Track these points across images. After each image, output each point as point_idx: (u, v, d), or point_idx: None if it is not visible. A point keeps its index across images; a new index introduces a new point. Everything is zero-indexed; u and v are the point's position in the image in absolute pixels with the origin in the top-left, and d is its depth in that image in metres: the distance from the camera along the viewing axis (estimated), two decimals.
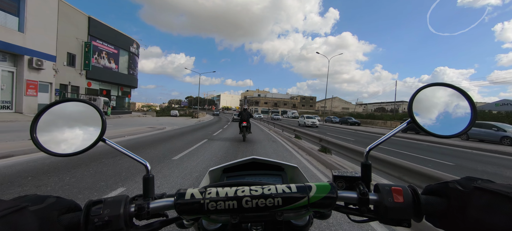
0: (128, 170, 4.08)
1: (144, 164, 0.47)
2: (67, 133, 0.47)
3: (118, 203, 0.38)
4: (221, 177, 0.74)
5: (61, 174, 3.61)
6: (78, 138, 0.47)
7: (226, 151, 7.07)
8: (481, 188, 0.35)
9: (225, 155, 6.31)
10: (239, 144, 8.64)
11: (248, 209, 0.38)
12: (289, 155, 6.93)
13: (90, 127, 0.48)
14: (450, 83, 0.49)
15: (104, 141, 0.47)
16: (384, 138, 0.50)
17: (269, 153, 7.20)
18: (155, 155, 5.74)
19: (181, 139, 9.10)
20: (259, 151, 7.38)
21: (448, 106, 0.49)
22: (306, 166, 5.54)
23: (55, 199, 0.37)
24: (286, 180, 0.72)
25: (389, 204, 0.39)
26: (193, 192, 0.40)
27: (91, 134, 0.47)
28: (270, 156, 5.51)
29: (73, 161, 4.26)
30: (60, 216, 0.36)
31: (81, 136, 0.47)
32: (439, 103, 0.50)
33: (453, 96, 0.49)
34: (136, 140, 8.29)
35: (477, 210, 0.34)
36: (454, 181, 0.39)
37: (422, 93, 0.49)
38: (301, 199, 0.39)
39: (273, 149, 8.05)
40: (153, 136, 9.67)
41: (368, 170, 0.47)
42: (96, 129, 0.48)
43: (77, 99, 0.50)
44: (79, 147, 0.46)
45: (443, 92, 0.50)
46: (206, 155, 6.11)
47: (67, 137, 0.47)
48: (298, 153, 7.39)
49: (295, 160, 6.13)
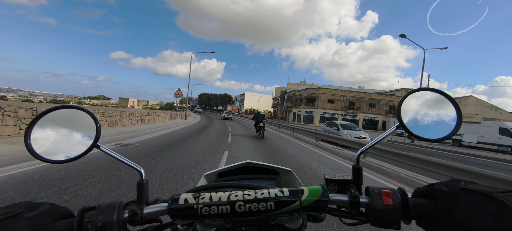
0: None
1: (139, 169, 0.47)
2: (61, 140, 0.47)
3: (112, 209, 0.38)
4: (216, 182, 0.74)
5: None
6: (72, 145, 0.47)
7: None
8: (466, 188, 0.36)
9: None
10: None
11: (241, 213, 0.39)
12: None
13: (84, 133, 0.48)
14: (437, 88, 0.51)
15: (99, 147, 0.48)
16: (373, 142, 0.52)
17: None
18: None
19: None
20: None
21: (436, 111, 0.51)
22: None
23: (49, 206, 0.37)
24: (280, 184, 0.72)
25: (379, 207, 0.40)
26: (186, 197, 0.40)
27: (85, 141, 0.48)
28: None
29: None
30: (54, 223, 0.36)
31: (76, 143, 0.48)
32: (427, 108, 0.51)
33: (440, 102, 0.51)
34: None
35: (463, 210, 0.35)
36: (441, 182, 0.41)
37: (411, 98, 0.51)
38: (293, 203, 0.40)
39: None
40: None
41: (359, 173, 0.48)
42: (90, 135, 0.48)
43: (72, 106, 0.51)
44: (73, 153, 0.46)
45: (430, 98, 0.51)
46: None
47: (62, 144, 0.47)
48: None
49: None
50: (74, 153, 0.46)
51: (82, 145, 0.47)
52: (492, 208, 0.31)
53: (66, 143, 0.47)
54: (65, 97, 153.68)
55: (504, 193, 0.31)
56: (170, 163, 4.79)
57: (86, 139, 0.48)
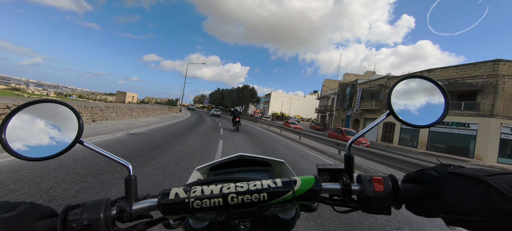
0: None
1: (126, 165, 0.46)
2: (40, 136, 0.44)
3: (98, 206, 0.37)
4: (208, 175, 0.73)
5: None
6: (52, 141, 0.44)
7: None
8: (455, 172, 0.37)
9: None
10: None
11: (234, 205, 0.38)
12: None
13: (66, 128, 0.46)
14: (426, 75, 0.52)
15: (82, 143, 0.45)
16: (365, 129, 0.52)
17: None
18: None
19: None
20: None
21: (424, 98, 0.51)
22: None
23: (28, 206, 0.35)
24: (273, 175, 0.72)
25: (370, 194, 0.41)
26: (177, 191, 0.39)
27: (67, 136, 0.45)
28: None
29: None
30: (34, 223, 0.34)
31: (56, 138, 0.45)
32: (416, 95, 0.52)
33: (429, 89, 0.51)
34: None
35: (451, 193, 0.36)
36: (430, 168, 0.41)
37: (400, 85, 0.52)
38: (286, 193, 0.39)
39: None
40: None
41: (351, 162, 0.48)
42: (72, 130, 0.46)
43: (52, 100, 0.47)
44: (53, 150, 0.43)
45: (419, 85, 0.52)
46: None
47: (40, 140, 0.44)
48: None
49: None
50: (55, 149, 0.44)
51: (63, 141, 0.45)
52: (480, 190, 0.32)
53: (45, 139, 0.44)
54: (102, 95, 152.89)
55: (491, 176, 0.32)
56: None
57: (67, 134, 0.45)
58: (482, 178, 0.33)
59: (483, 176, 0.33)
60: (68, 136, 0.45)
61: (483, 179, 0.32)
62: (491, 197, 0.30)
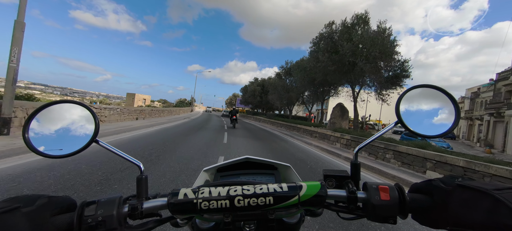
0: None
1: (138, 164, 0.47)
2: (60, 135, 0.47)
3: (112, 203, 0.38)
4: (216, 176, 0.75)
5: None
6: (71, 140, 0.47)
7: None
8: (462, 185, 0.36)
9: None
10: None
11: (240, 208, 0.39)
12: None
13: (83, 128, 0.48)
14: (436, 85, 0.51)
15: (97, 142, 0.47)
16: (372, 137, 0.52)
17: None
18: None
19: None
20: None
21: (434, 107, 0.51)
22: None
23: (47, 199, 0.37)
24: (279, 179, 0.73)
25: (376, 202, 0.40)
26: (186, 191, 0.41)
27: (84, 135, 0.47)
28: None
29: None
30: (52, 217, 0.36)
31: (74, 138, 0.47)
32: (425, 104, 0.51)
33: (439, 98, 0.50)
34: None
35: (458, 206, 0.35)
36: (438, 179, 0.41)
37: (410, 94, 0.51)
38: (292, 198, 0.40)
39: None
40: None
41: (357, 169, 0.48)
42: (89, 130, 0.48)
43: (70, 101, 0.50)
44: (71, 148, 0.46)
45: (429, 94, 0.51)
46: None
47: (60, 139, 0.47)
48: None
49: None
50: (73, 148, 0.46)
51: (80, 140, 0.47)
52: (487, 204, 0.32)
53: (64, 138, 0.47)
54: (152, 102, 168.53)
55: (499, 190, 0.32)
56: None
57: (85, 133, 0.48)
58: (489, 192, 0.32)
59: (491, 190, 0.32)
60: (85, 135, 0.47)
61: (490, 193, 0.32)
62: (498, 212, 0.30)
